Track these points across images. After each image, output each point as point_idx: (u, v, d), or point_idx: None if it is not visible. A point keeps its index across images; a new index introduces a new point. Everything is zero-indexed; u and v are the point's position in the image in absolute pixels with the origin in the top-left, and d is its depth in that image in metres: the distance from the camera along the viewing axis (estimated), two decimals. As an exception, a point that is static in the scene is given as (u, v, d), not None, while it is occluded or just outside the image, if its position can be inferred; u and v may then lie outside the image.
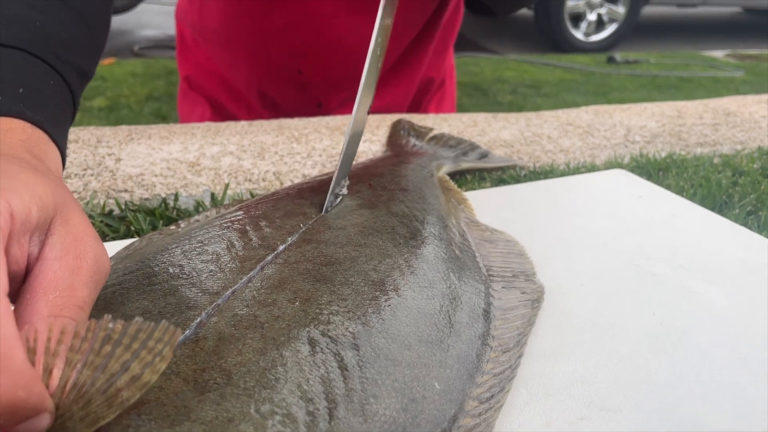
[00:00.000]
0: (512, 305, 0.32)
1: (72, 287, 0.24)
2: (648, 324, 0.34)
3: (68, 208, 0.26)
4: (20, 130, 0.32)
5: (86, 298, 0.24)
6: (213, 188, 0.53)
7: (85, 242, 0.26)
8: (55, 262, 0.24)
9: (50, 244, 0.25)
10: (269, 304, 0.26)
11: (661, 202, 0.49)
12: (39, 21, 0.38)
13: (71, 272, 0.24)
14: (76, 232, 0.26)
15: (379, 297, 0.28)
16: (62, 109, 0.37)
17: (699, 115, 0.77)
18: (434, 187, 0.46)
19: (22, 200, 0.24)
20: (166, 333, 0.21)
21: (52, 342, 0.21)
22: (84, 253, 0.25)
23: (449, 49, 0.87)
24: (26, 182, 0.25)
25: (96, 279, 0.25)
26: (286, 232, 0.34)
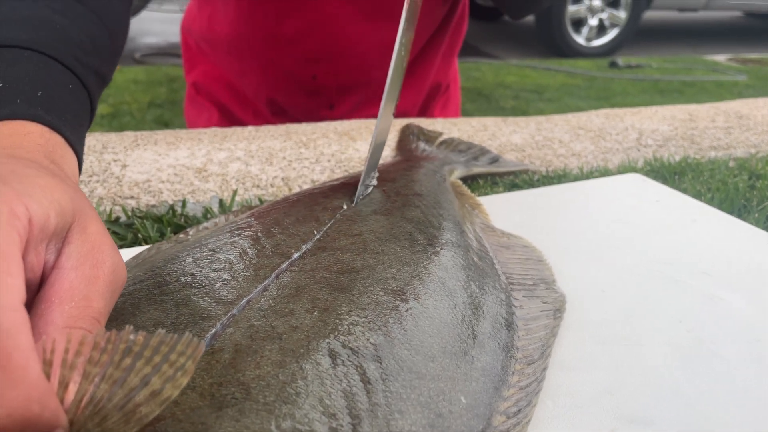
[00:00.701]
0: (535, 315, 0.31)
1: (88, 298, 0.23)
2: (675, 332, 0.33)
3: (86, 216, 0.25)
4: (38, 134, 0.31)
5: (102, 309, 0.24)
6: (221, 194, 0.52)
7: (103, 251, 0.25)
8: (72, 271, 0.23)
9: (67, 252, 0.24)
10: (286, 314, 0.25)
11: (679, 206, 0.48)
12: (60, 24, 0.37)
13: (87, 282, 0.23)
14: (94, 240, 0.25)
15: (400, 306, 0.27)
16: (80, 113, 0.36)
17: (711, 119, 0.76)
18: (448, 192, 0.45)
19: (41, 205, 0.23)
20: (189, 346, 0.20)
21: (69, 354, 0.20)
22: (101, 262, 0.24)
23: (455, 55, 0.87)
24: (45, 187, 0.24)
25: (112, 289, 0.25)
26: (300, 239, 0.33)
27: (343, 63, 0.73)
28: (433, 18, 0.77)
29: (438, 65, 0.85)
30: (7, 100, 0.31)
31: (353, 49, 0.72)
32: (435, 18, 0.77)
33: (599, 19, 4.60)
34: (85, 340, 0.20)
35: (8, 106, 0.31)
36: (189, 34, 0.84)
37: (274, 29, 0.71)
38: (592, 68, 3.97)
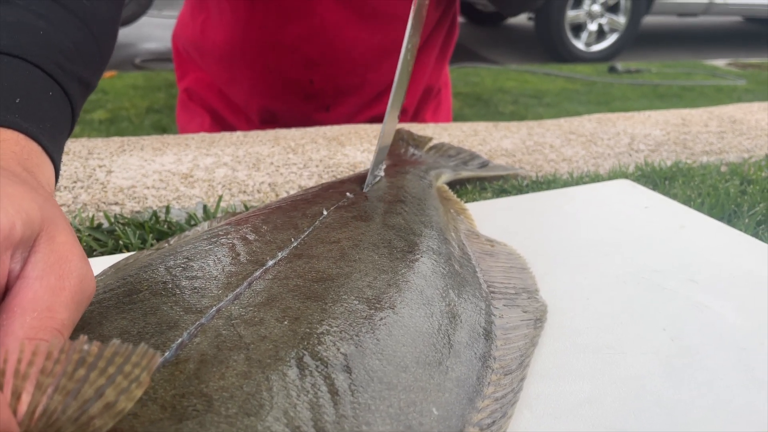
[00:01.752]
0: (514, 324, 0.31)
1: (51, 309, 0.23)
2: (658, 341, 0.32)
3: (55, 225, 0.25)
4: (13, 141, 0.31)
5: (65, 320, 0.23)
6: (206, 200, 0.51)
7: (70, 261, 0.24)
8: (36, 281, 0.23)
9: (33, 261, 0.24)
10: (256, 323, 0.25)
11: (667, 212, 0.48)
12: (42, 29, 0.37)
13: (52, 293, 0.23)
14: (62, 250, 0.24)
15: (374, 315, 0.26)
16: (60, 121, 0.36)
17: (704, 123, 0.75)
18: (433, 198, 0.44)
19: (7, 214, 0.23)
20: (144, 357, 0.20)
21: (22, 364, 0.19)
22: (68, 272, 0.24)
23: (447, 59, 0.88)
24: (12, 196, 0.24)
25: (78, 300, 0.24)
26: (276, 247, 0.32)
27: (339, 66, 0.73)
28: (426, 22, 0.77)
29: (431, 69, 0.85)
30: None
31: (350, 52, 0.72)
32: (428, 22, 0.77)
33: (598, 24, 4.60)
34: (38, 350, 0.19)
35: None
36: (179, 41, 0.84)
37: (274, 36, 0.71)
38: (592, 73, 3.98)
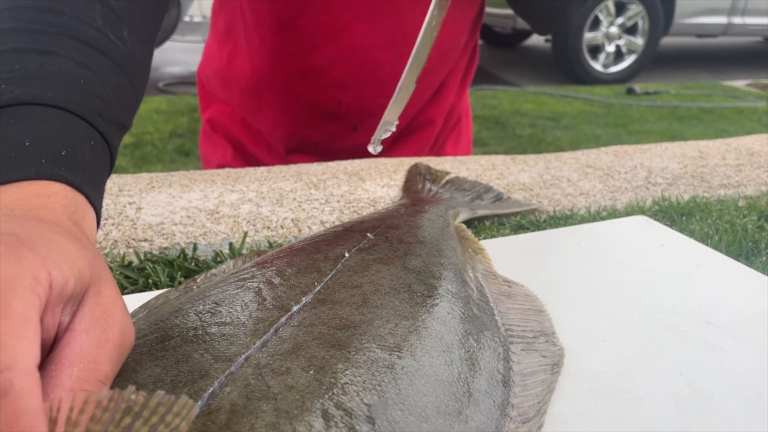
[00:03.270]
0: (532, 370, 0.31)
1: (96, 361, 0.24)
2: (674, 386, 0.33)
3: (102, 280, 0.27)
4: (62, 194, 0.33)
5: (109, 372, 0.25)
6: (232, 236, 0.53)
7: (114, 315, 0.26)
8: (83, 334, 0.25)
9: (80, 315, 0.25)
10: (283, 372, 0.26)
11: (684, 251, 0.48)
12: (83, 78, 0.38)
13: (97, 345, 0.25)
14: (107, 304, 0.26)
15: (396, 364, 0.27)
16: (101, 168, 0.38)
17: (722, 156, 0.76)
18: (451, 238, 0.45)
19: (62, 271, 0.24)
20: (184, 408, 0.21)
21: (74, 411, 0.21)
22: (112, 326, 0.26)
23: (467, 85, 0.90)
24: (67, 253, 0.26)
25: (120, 352, 0.26)
26: (300, 291, 0.33)
27: (367, 88, 0.76)
28: (458, 43, 0.79)
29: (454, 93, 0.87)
30: (33, 159, 0.33)
31: (376, 73, 0.74)
32: (458, 42, 0.79)
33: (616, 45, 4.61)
34: (89, 399, 0.21)
35: (35, 165, 0.33)
36: (204, 73, 0.87)
37: (303, 62, 0.73)
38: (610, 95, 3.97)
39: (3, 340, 0.20)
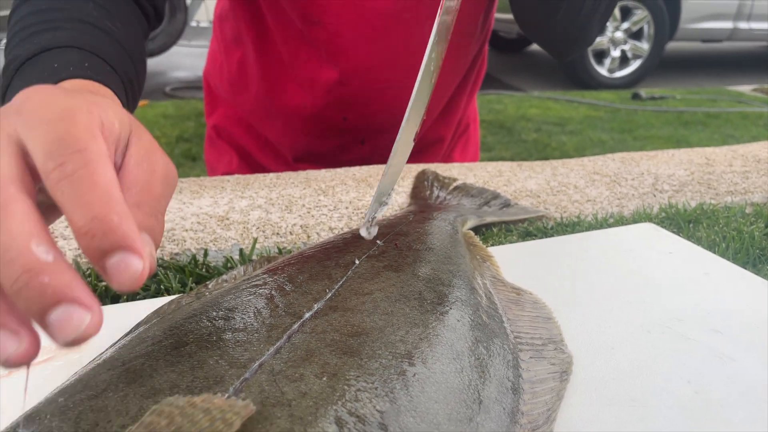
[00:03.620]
0: (541, 377, 0.32)
1: (149, 183, 0.28)
2: (682, 394, 0.33)
3: (140, 128, 0.31)
4: (89, 84, 0.41)
5: (160, 195, 0.28)
6: (242, 242, 0.53)
7: (156, 152, 0.30)
8: (134, 167, 0.28)
9: (129, 155, 0.29)
10: (296, 379, 0.27)
11: (691, 258, 0.49)
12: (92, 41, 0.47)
13: (147, 174, 0.28)
14: (148, 146, 0.30)
15: (407, 371, 0.28)
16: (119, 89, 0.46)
17: (728, 162, 0.76)
18: (459, 245, 0.46)
19: (107, 116, 0.28)
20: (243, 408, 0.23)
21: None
22: (156, 161, 0.29)
23: (475, 93, 0.90)
24: (104, 104, 0.29)
25: (168, 183, 0.29)
26: (312, 298, 0.34)
27: (372, 107, 0.76)
28: (467, 56, 0.79)
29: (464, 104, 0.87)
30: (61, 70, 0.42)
31: (386, 92, 0.74)
32: (469, 56, 0.79)
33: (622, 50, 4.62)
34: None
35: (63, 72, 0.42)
36: (211, 78, 0.87)
37: (311, 73, 0.74)
38: (615, 100, 3.97)
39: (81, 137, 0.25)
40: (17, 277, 0.21)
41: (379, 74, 0.73)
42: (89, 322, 0.22)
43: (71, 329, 0.22)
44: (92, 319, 0.22)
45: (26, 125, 0.25)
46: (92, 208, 0.23)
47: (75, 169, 0.23)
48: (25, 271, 0.21)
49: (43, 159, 0.24)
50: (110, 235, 0.22)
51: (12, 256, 0.21)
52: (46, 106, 0.26)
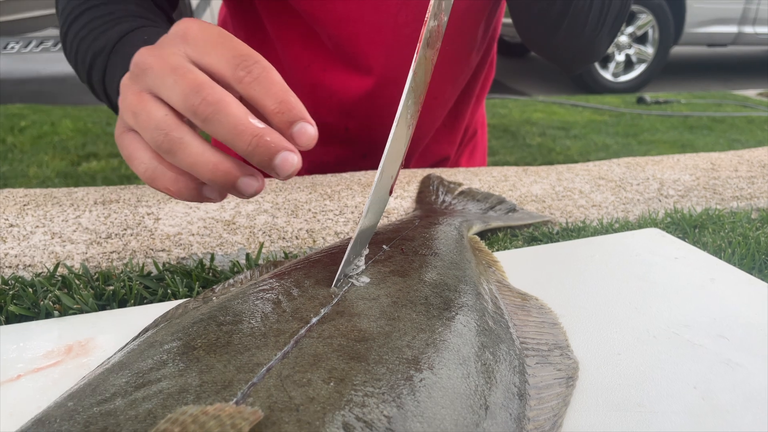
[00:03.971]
0: (548, 383, 0.32)
1: None
2: (689, 399, 0.33)
3: None
4: None
5: None
6: (248, 246, 0.54)
7: None
8: None
9: None
10: (304, 384, 0.27)
11: (697, 264, 0.49)
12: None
13: None
14: None
15: (414, 377, 0.28)
16: None
17: (734, 168, 0.76)
18: (465, 250, 0.46)
19: None
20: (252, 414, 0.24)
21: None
22: None
23: (483, 98, 0.90)
24: None
25: None
26: (319, 303, 0.34)
27: (373, 119, 0.76)
28: (469, 66, 0.79)
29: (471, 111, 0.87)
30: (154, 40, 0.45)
31: (389, 109, 0.74)
32: (470, 66, 0.79)
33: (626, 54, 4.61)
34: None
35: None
36: None
37: (315, 77, 0.73)
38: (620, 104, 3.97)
39: (250, 51, 0.33)
40: (249, 140, 0.31)
41: (383, 90, 0.72)
42: (297, 160, 0.32)
43: (288, 166, 0.32)
44: (299, 159, 0.32)
45: (199, 48, 0.33)
46: (277, 96, 0.32)
47: (259, 73, 0.32)
48: (254, 136, 0.31)
49: (232, 70, 0.32)
50: (293, 111, 0.32)
51: (241, 129, 0.31)
52: (208, 34, 0.33)
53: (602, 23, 0.65)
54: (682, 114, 3.67)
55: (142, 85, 0.34)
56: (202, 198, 0.35)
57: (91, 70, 0.56)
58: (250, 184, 0.33)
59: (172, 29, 0.35)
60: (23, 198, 0.59)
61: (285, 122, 0.32)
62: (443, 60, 0.71)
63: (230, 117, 0.31)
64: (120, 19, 0.56)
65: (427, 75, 0.37)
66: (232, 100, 0.31)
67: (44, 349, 0.37)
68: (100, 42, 0.55)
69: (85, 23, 0.57)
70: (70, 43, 0.59)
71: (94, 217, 0.56)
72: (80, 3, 0.59)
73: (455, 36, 0.72)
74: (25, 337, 0.38)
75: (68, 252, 0.51)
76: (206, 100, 0.31)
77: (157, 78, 0.33)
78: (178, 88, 0.32)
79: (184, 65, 0.32)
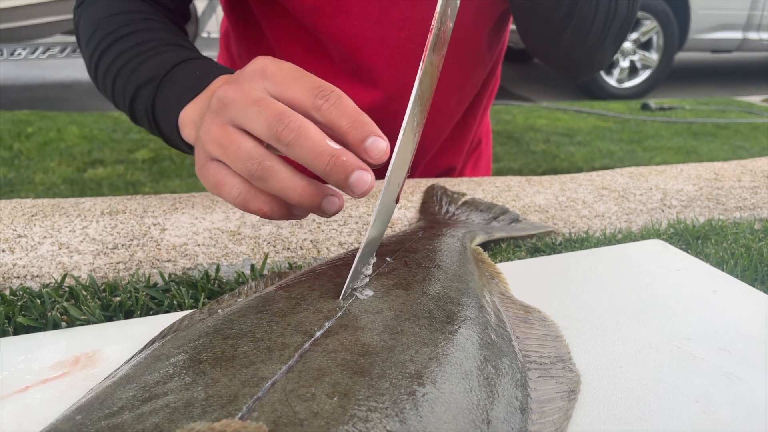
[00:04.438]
0: (549, 397, 0.32)
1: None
2: (690, 413, 0.33)
3: None
4: None
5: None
6: (253, 257, 0.54)
7: None
8: None
9: None
10: (308, 398, 0.27)
11: (700, 276, 0.49)
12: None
13: None
14: None
15: (417, 391, 0.28)
16: None
17: (737, 178, 0.76)
18: (468, 262, 0.46)
19: None
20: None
21: None
22: None
23: (488, 108, 0.90)
24: None
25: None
26: (323, 317, 0.34)
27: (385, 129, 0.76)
28: (475, 81, 0.79)
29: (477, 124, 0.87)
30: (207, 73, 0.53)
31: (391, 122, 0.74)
32: (476, 81, 0.79)
33: (631, 60, 4.62)
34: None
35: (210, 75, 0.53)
36: None
37: None
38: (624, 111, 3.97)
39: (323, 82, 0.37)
40: (327, 161, 0.34)
41: (392, 105, 0.73)
42: (371, 179, 0.35)
43: (362, 184, 0.35)
44: (372, 178, 0.35)
45: (278, 83, 0.37)
46: (351, 116, 0.35)
47: (335, 99, 0.36)
48: (331, 157, 0.34)
49: (311, 99, 0.36)
50: (365, 127, 0.35)
51: (320, 151, 0.34)
52: (286, 70, 0.37)
53: (607, 30, 0.65)
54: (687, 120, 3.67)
55: (225, 118, 0.37)
56: (291, 216, 0.39)
57: (135, 101, 0.58)
58: (333, 203, 0.37)
59: (249, 67, 0.39)
60: (31, 208, 0.60)
61: (358, 138, 0.35)
62: (448, 72, 0.71)
63: (310, 140, 0.34)
64: (156, 50, 0.57)
65: (433, 82, 0.38)
66: (311, 126, 0.35)
67: (52, 360, 0.38)
68: (142, 74, 0.57)
69: (118, 54, 0.59)
70: (103, 74, 0.61)
71: (101, 228, 0.57)
72: (108, 33, 0.60)
73: (460, 50, 0.72)
74: (33, 348, 0.39)
75: (75, 263, 0.52)
76: (289, 126, 0.35)
77: (241, 111, 0.36)
78: (261, 117, 0.35)
79: (266, 98, 0.36)
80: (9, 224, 0.56)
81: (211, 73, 0.53)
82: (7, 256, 0.52)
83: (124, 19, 0.60)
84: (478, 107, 0.84)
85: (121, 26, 0.60)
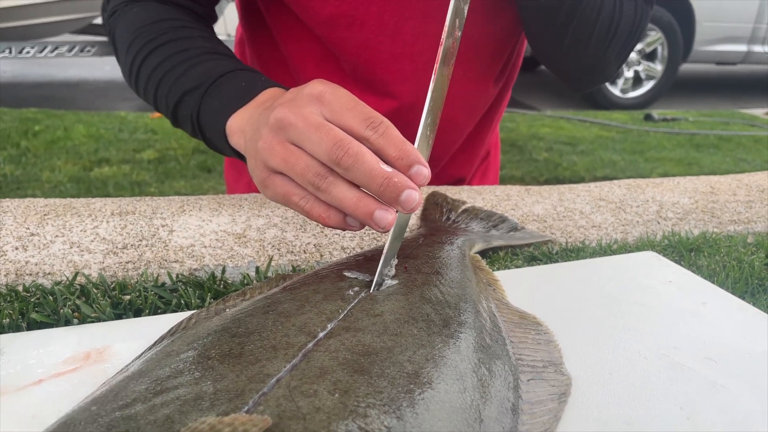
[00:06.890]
0: (540, 399, 0.34)
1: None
2: (674, 419, 0.35)
3: None
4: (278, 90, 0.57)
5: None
6: (258, 259, 0.56)
7: None
8: None
9: None
10: (311, 395, 0.29)
11: (691, 288, 0.50)
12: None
13: None
14: None
15: (414, 390, 0.30)
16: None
17: (732, 192, 0.77)
18: (467, 269, 0.48)
19: None
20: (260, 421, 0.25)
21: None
22: None
23: (498, 120, 0.91)
24: None
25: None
26: (326, 318, 0.36)
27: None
28: (486, 96, 0.80)
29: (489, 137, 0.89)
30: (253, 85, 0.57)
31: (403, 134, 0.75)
32: (487, 96, 0.81)
33: (635, 71, 4.63)
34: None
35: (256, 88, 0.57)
36: None
37: None
38: (627, 121, 3.98)
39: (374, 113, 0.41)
40: (381, 182, 0.39)
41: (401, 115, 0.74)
42: (419, 197, 0.39)
43: (411, 201, 0.39)
44: (420, 195, 0.39)
45: (335, 111, 0.41)
46: (397, 146, 0.40)
47: (384, 130, 0.40)
48: (384, 178, 0.39)
49: (363, 129, 0.40)
50: (410, 157, 0.39)
51: (375, 173, 0.39)
52: (342, 98, 0.42)
53: (611, 38, 0.66)
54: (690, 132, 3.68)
55: (285, 137, 0.42)
56: (346, 226, 0.43)
57: (179, 106, 0.61)
58: (384, 216, 0.40)
59: (306, 90, 0.43)
60: (44, 207, 0.62)
61: (404, 166, 0.39)
62: (460, 86, 0.72)
63: (366, 165, 0.39)
64: (199, 57, 0.61)
65: (443, 93, 0.43)
66: (367, 151, 0.39)
67: (64, 355, 0.39)
68: (187, 81, 0.60)
69: (160, 62, 0.62)
70: (145, 80, 0.64)
71: (111, 228, 0.58)
72: (149, 41, 0.63)
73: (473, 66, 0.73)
74: (46, 343, 0.41)
75: (86, 261, 0.53)
76: (348, 153, 0.39)
77: (302, 134, 0.41)
78: (323, 143, 0.40)
79: (325, 124, 0.41)
80: (22, 223, 0.58)
81: (257, 86, 0.57)
82: (21, 254, 0.53)
83: (162, 27, 0.64)
84: (490, 121, 0.85)
85: (160, 34, 0.63)
